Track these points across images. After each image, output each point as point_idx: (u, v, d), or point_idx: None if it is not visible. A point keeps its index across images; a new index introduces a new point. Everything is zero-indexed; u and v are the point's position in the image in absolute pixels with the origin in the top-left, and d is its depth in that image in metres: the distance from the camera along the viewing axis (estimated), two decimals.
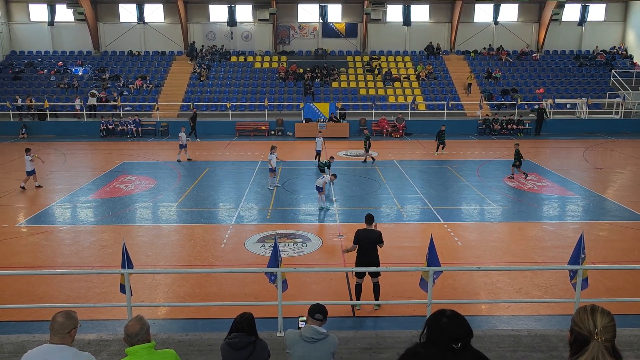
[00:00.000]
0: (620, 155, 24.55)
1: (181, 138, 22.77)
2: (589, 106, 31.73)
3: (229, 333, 5.10)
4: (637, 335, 7.18)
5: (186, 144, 22.92)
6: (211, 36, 37.89)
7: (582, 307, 2.43)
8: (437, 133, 24.58)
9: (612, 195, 17.50)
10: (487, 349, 6.91)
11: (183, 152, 22.93)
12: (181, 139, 22.77)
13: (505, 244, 13.21)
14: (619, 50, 37.48)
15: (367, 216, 9.63)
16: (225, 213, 15.84)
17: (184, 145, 22.79)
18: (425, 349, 2.36)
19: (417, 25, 37.23)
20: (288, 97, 33.27)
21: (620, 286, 10.31)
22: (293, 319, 8.38)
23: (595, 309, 2.39)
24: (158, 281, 10.72)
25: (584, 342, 2.30)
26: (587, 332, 2.31)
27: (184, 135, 22.86)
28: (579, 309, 2.44)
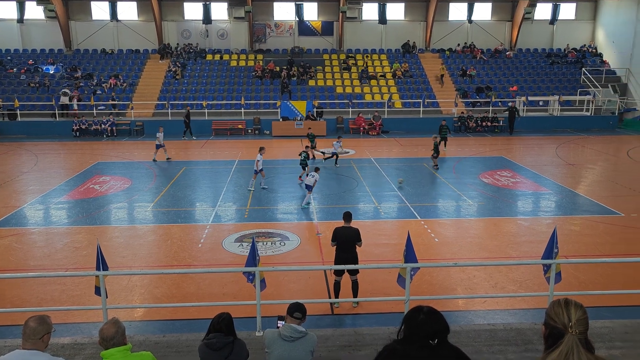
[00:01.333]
0: (591, 151, 25.12)
1: (158, 138, 22.42)
2: (561, 103, 32.39)
3: (207, 333, 5.07)
4: (608, 327, 7.36)
5: (163, 144, 22.57)
6: (186, 34, 37.49)
7: (556, 301, 2.48)
8: (439, 128, 25.01)
9: (583, 191, 17.90)
10: (464, 343, 7.00)
11: (161, 152, 22.57)
12: (158, 139, 22.42)
13: (481, 239, 13.40)
14: (589, 49, 38.31)
15: (345, 214, 9.67)
16: (202, 213, 15.71)
17: (161, 145, 22.47)
18: (403, 345, 2.37)
19: (392, 24, 37.46)
20: (265, 96, 33.13)
21: (592, 279, 10.56)
22: (272, 318, 8.36)
23: (569, 302, 2.44)
24: (134, 282, 10.58)
25: (559, 335, 2.34)
26: (561, 326, 2.35)
27: (161, 135, 22.52)
28: (553, 303, 2.48)
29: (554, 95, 33.19)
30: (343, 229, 9.41)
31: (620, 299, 9.40)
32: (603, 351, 6.67)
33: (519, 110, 31.17)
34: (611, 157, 23.82)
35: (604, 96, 33.59)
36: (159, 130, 22.78)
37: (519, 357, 6.71)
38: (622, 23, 35.45)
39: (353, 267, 8.92)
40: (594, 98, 32.72)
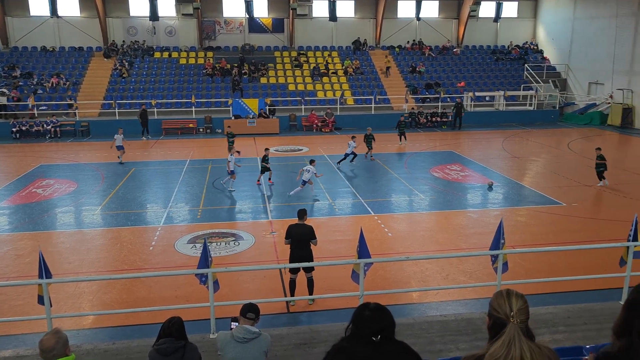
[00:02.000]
0: (535, 144, 26.13)
1: (116, 139, 21.62)
2: (506, 98, 33.52)
3: (157, 339, 4.94)
4: (552, 313, 7.68)
5: (122, 145, 21.74)
6: (132, 31, 36.42)
7: (499, 292, 2.55)
8: (397, 124, 26.11)
9: (528, 182, 18.59)
10: (418, 335, 7.14)
11: (121, 153, 21.80)
12: (116, 140, 21.63)
13: (432, 232, 13.70)
14: (530, 46, 39.81)
15: (299, 211, 9.66)
16: (153, 214, 15.33)
17: (120, 146, 21.62)
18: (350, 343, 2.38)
19: (343, 21, 37.68)
20: (216, 94, 32.65)
21: (537, 267, 10.99)
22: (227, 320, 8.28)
23: (510, 292, 2.51)
24: (82, 289, 10.21)
25: (502, 325, 2.41)
26: (504, 316, 2.42)
27: (120, 137, 21.67)
28: (495, 294, 2.56)
29: (499, 90, 34.31)
30: (297, 227, 9.40)
31: (563, 285, 9.82)
32: (547, 336, 6.96)
33: (465, 105, 32.01)
34: (553, 150, 24.85)
35: (546, 91, 35.01)
36: (117, 131, 21.93)
37: (470, 346, 6.90)
38: (561, 21, 37.03)
39: (307, 265, 8.92)
40: (536, 93, 34.03)
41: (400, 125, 25.99)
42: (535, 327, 7.24)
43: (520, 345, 2.32)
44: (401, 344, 2.37)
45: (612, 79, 31.85)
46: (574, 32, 35.66)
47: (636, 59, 30.27)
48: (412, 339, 6.99)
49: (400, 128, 25.89)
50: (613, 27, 31.47)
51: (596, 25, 33.34)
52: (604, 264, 10.48)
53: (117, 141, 21.59)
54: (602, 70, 32.75)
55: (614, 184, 17.87)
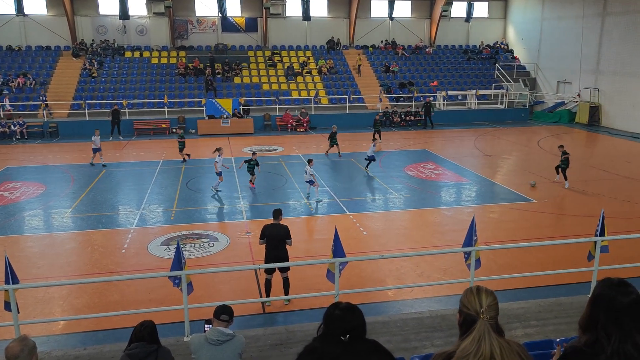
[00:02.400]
0: (506, 142, 26.60)
1: (94, 141, 20.83)
2: (477, 97, 34.03)
3: (128, 343, 4.86)
4: (524, 308, 7.83)
5: (100, 147, 20.92)
6: (102, 30, 35.72)
7: (469, 289, 2.58)
8: (374, 122, 26.35)
9: (500, 180, 18.91)
10: (393, 333, 7.19)
11: (98, 156, 20.99)
12: (94, 142, 20.82)
13: (407, 230, 13.82)
14: (501, 45, 40.51)
15: (275, 211, 9.63)
16: (125, 216, 15.07)
17: (97, 148, 20.82)
18: (321, 343, 2.38)
19: (316, 20, 37.68)
20: (189, 94, 32.28)
21: (509, 263, 11.19)
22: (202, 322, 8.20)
23: (480, 289, 2.55)
24: (52, 294, 9.97)
25: (472, 321, 2.44)
26: (474, 312, 2.46)
27: (97, 138, 20.87)
28: (465, 291, 2.59)
29: (471, 89, 34.81)
30: (272, 227, 9.36)
31: (534, 280, 10.01)
32: (519, 330, 7.08)
33: (435, 105, 32.33)
34: (524, 148, 25.34)
35: (516, 90, 35.67)
36: (94, 133, 21.21)
37: (444, 342, 6.98)
38: (530, 21, 37.78)
39: (283, 265, 8.89)
40: (507, 92, 34.65)
41: (376, 124, 26.17)
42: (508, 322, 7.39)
43: (490, 341, 2.36)
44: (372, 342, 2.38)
45: (579, 78, 32.64)
46: (542, 32, 36.43)
47: (602, 58, 31.09)
48: (388, 337, 7.04)
49: (376, 127, 26.09)
50: (580, 27, 32.25)
51: (564, 26, 34.12)
52: (573, 258, 10.72)
53: (96, 143, 20.85)
54: (570, 69, 33.53)
55: (583, 180, 18.32)
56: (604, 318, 2.57)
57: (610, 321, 2.56)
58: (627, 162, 21.54)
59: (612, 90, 30.41)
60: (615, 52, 30.03)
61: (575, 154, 23.55)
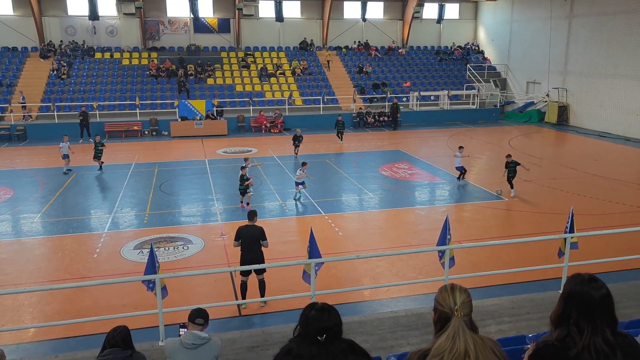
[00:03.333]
0: (478, 142, 27.02)
1: (62, 148, 19.90)
2: (450, 97, 34.50)
3: (101, 350, 4.77)
4: (497, 304, 7.96)
5: (67, 154, 20.02)
6: (71, 31, 34.97)
7: (443, 287, 2.62)
8: (335, 123, 26.32)
9: (472, 179, 19.20)
10: (369, 332, 7.23)
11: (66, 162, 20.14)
12: (62, 149, 19.90)
13: (383, 230, 13.91)
14: (472, 46, 41.15)
15: (250, 212, 9.60)
16: (97, 220, 14.79)
17: (66, 155, 19.94)
18: (298, 344, 2.39)
19: (289, 21, 37.65)
20: (161, 95, 31.87)
21: (482, 261, 11.37)
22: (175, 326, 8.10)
23: (454, 287, 2.59)
24: (21, 301, 9.72)
25: (447, 319, 2.48)
26: (448, 309, 2.50)
27: (65, 145, 19.90)
28: (440, 289, 2.63)
29: (443, 90, 35.27)
30: (247, 228, 9.31)
31: (506, 277, 10.20)
32: (493, 327, 7.20)
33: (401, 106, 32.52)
34: (495, 147, 25.78)
35: (487, 90, 36.28)
36: (63, 139, 20.19)
37: (420, 340, 7.04)
38: (500, 23, 38.50)
39: (258, 267, 8.85)
40: (478, 92, 35.22)
41: (338, 125, 26.26)
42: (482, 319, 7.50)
43: (464, 338, 2.40)
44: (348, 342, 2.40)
45: (548, 79, 33.39)
46: (512, 34, 37.15)
47: (569, 59, 31.87)
48: (364, 336, 7.07)
49: (339, 127, 26.21)
50: (548, 29, 33.00)
51: (532, 27, 34.87)
52: (544, 255, 10.95)
53: (63, 149, 19.93)
54: (539, 70, 34.27)
55: (552, 178, 18.74)
56: (576, 313, 2.64)
57: (582, 316, 2.62)
58: (595, 160, 22.12)
59: (580, 90, 31.21)
60: (582, 53, 30.83)
61: (544, 152, 24.09)
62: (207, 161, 22.27)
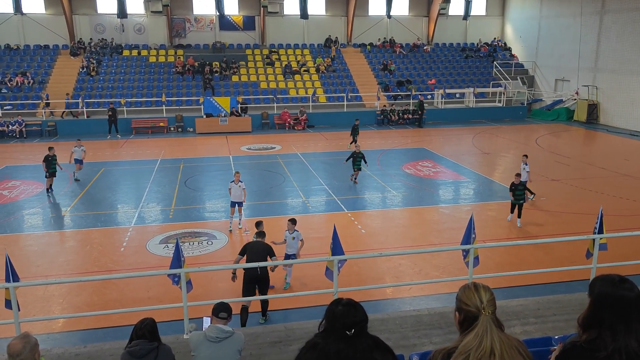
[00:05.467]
0: (504, 140, 26.63)
1: (75, 153, 18.73)
2: (475, 95, 34.06)
3: (129, 341, 4.87)
4: (522, 305, 7.86)
5: (81, 159, 18.88)
6: (100, 29, 35.65)
7: (465, 286, 2.60)
8: (352, 128, 24.11)
9: (498, 178, 18.94)
10: (391, 330, 7.22)
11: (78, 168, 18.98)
12: (75, 153, 18.73)
13: (405, 228, 13.84)
14: (499, 43, 40.53)
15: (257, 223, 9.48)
16: (124, 215, 15.07)
17: (79, 160, 18.80)
18: (324, 339, 2.40)
19: (314, 19, 37.65)
20: (187, 92, 32.25)
21: (507, 261, 11.22)
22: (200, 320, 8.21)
23: (477, 285, 2.57)
24: (51, 292, 9.99)
25: (474, 318, 2.46)
26: (474, 308, 2.47)
27: (78, 150, 18.72)
28: (462, 288, 2.60)
29: (469, 87, 34.83)
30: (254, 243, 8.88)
31: (532, 278, 10.05)
32: (518, 328, 7.11)
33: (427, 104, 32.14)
34: (522, 145, 25.36)
35: (514, 88, 35.70)
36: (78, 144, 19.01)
37: (443, 340, 7.00)
38: (528, 19, 37.82)
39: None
40: (505, 90, 34.68)
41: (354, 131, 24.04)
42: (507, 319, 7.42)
43: (491, 336, 2.38)
44: (373, 338, 2.41)
45: (577, 76, 32.68)
46: (540, 30, 36.46)
47: (600, 56, 31.13)
48: (386, 334, 7.06)
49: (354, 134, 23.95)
50: (578, 25, 32.28)
51: (562, 23, 34.16)
52: (571, 256, 10.76)
53: (76, 154, 18.71)
54: (568, 67, 33.57)
55: (581, 178, 18.35)
56: (610, 316, 2.57)
57: (618, 319, 2.57)
58: (626, 160, 21.59)
59: (611, 88, 30.46)
60: (613, 49, 30.07)
61: (573, 151, 23.62)
62: (231, 157, 22.46)
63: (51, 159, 16.85)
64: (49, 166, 16.84)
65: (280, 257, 9.70)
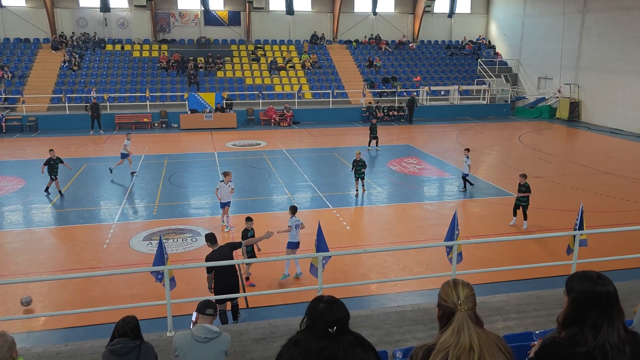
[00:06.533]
0: (488, 137, 26.86)
1: (126, 146, 18.51)
2: (460, 92, 34.28)
3: (111, 339, 4.82)
4: (504, 301, 7.94)
5: (128, 153, 18.67)
6: (82, 22, 35.12)
7: (446, 282, 2.62)
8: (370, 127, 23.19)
9: (482, 175, 19.10)
10: (375, 326, 7.25)
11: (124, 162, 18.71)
12: (126, 147, 18.50)
13: (390, 225, 13.90)
14: (483, 41, 40.82)
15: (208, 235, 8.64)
16: (106, 212, 14.91)
17: (126, 154, 18.57)
18: (306, 336, 2.40)
19: (300, 15, 37.54)
20: (171, 88, 31.96)
21: (490, 257, 11.33)
22: (183, 317, 8.17)
23: (457, 282, 2.59)
24: (31, 290, 9.83)
25: (451, 314, 2.48)
26: (452, 304, 2.50)
27: (128, 142, 18.64)
28: (443, 284, 2.63)
29: (454, 85, 35.05)
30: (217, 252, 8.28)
31: (514, 273, 10.17)
32: (500, 323, 7.19)
33: (418, 100, 32.39)
34: (505, 143, 25.63)
35: (498, 86, 35.99)
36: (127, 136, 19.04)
37: (426, 335, 7.05)
38: (512, 17, 38.13)
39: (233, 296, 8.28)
40: (489, 87, 34.95)
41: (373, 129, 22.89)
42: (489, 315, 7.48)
43: (469, 332, 2.40)
44: (355, 335, 2.42)
45: (560, 74, 33.06)
46: (524, 28, 36.79)
47: (582, 54, 31.52)
48: (370, 330, 7.09)
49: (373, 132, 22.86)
50: (560, 23, 32.64)
51: (545, 22, 34.51)
52: (552, 252, 10.90)
53: (126, 148, 18.56)
54: (551, 65, 33.94)
55: (562, 175, 18.60)
56: (594, 313, 2.59)
57: (601, 315, 2.59)
58: (607, 157, 21.92)
59: (592, 86, 30.87)
60: (595, 48, 30.47)
61: (555, 149, 23.92)
62: (216, 154, 22.33)
63: (54, 162, 15.86)
64: (51, 170, 15.86)
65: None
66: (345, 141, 25.47)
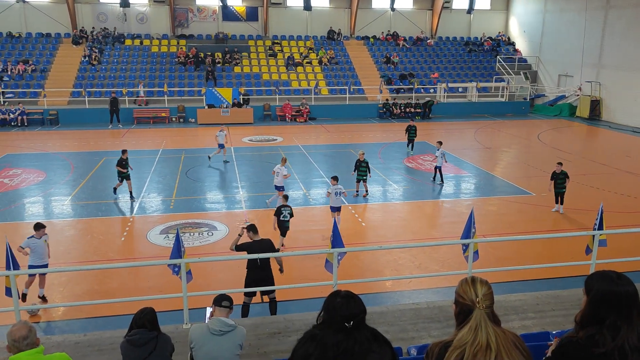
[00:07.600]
0: (506, 135, 26.58)
1: (217, 138, 19.71)
2: (478, 90, 33.94)
3: (129, 330, 4.90)
4: (521, 300, 7.87)
5: (223, 144, 19.82)
6: (102, 18, 35.51)
7: (464, 279, 2.61)
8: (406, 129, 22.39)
9: (499, 173, 18.93)
10: (390, 323, 7.24)
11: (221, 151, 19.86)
12: (217, 138, 19.71)
13: (406, 222, 13.85)
14: (502, 37, 40.32)
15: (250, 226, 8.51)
16: (125, 205, 15.10)
17: (221, 144, 19.72)
18: (322, 330, 2.42)
19: (317, 10, 37.47)
20: (189, 83, 32.18)
21: (507, 256, 11.23)
22: (199, 310, 8.25)
23: (475, 279, 2.57)
24: (52, 281, 10.02)
25: (468, 311, 2.47)
26: (470, 302, 2.48)
27: (222, 134, 19.68)
28: (460, 282, 2.61)
29: (472, 82, 34.71)
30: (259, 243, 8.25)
31: (532, 273, 10.07)
32: (517, 322, 7.13)
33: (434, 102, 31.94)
34: (523, 141, 25.33)
35: (517, 83, 35.57)
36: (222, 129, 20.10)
37: (441, 333, 7.02)
38: (532, 13, 37.60)
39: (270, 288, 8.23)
40: (507, 85, 34.55)
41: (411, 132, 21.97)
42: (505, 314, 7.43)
43: (486, 330, 2.38)
44: (372, 330, 2.42)
45: (581, 72, 32.54)
46: (544, 25, 36.26)
47: (604, 52, 30.98)
48: (385, 327, 7.09)
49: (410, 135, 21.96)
50: (582, 20, 32.11)
51: (566, 19, 33.96)
52: (571, 252, 10.77)
53: (220, 138, 19.64)
54: (572, 62, 33.42)
55: (582, 174, 18.34)
56: (613, 314, 2.56)
57: (620, 315, 2.55)
58: (627, 157, 21.55)
59: (614, 84, 30.33)
60: (617, 45, 29.92)
61: (575, 147, 23.57)
62: (233, 149, 22.45)
63: (125, 163, 15.51)
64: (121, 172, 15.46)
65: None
66: (362, 137, 25.41)
